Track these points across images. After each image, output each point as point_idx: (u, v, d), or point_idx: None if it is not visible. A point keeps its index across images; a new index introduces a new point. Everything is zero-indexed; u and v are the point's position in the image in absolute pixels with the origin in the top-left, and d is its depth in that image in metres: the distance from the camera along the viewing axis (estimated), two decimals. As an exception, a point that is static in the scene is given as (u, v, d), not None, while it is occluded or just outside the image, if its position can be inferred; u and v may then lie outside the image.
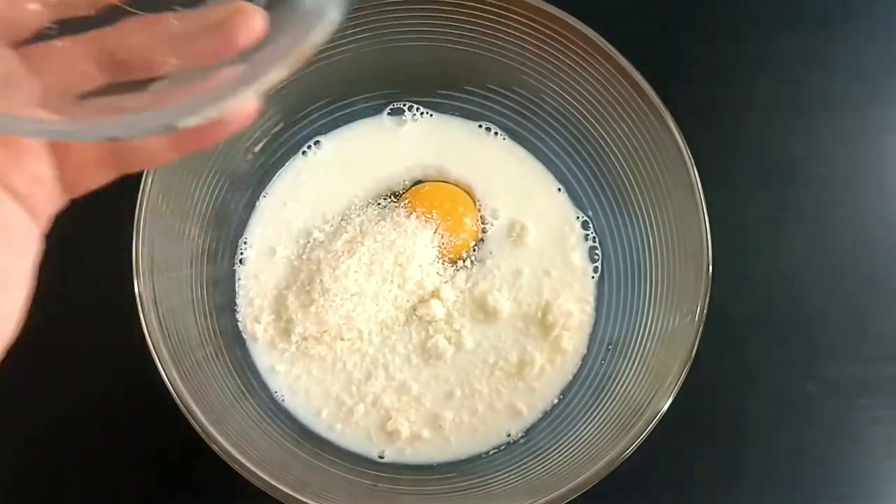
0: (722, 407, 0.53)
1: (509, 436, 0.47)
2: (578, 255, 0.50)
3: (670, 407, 0.40)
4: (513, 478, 0.44)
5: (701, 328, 0.42)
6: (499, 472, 0.45)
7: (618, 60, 0.43)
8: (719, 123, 0.57)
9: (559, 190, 0.51)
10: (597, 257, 0.50)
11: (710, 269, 0.42)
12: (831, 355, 0.54)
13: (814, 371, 0.54)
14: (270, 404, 0.47)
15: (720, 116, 0.57)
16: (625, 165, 0.47)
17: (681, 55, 0.57)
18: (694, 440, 0.52)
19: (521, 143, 0.51)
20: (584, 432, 0.44)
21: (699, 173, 0.43)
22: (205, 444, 0.39)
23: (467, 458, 0.47)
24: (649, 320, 0.45)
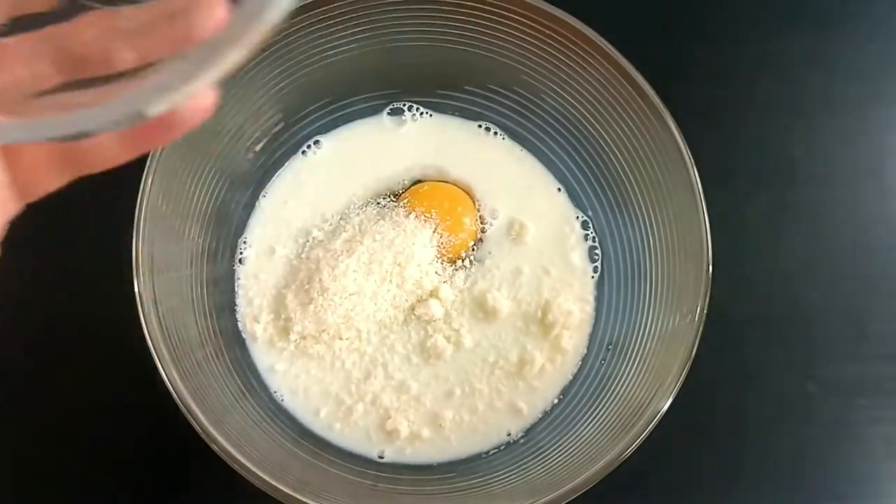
0: (722, 407, 0.53)
1: (509, 435, 0.47)
2: (578, 254, 0.50)
3: (670, 407, 0.40)
4: (513, 478, 0.44)
5: (701, 328, 0.42)
6: (499, 472, 0.45)
7: (618, 60, 0.43)
8: (719, 123, 0.57)
9: (559, 190, 0.51)
10: (596, 257, 0.50)
11: (710, 269, 0.42)
12: (831, 355, 0.54)
13: (814, 371, 0.54)
14: (270, 404, 0.47)
15: (720, 116, 0.57)
16: (625, 165, 0.47)
17: (681, 55, 0.57)
18: (694, 440, 0.52)
19: (521, 143, 0.51)
20: (584, 432, 0.44)
21: (699, 173, 0.43)
22: (205, 444, 0.39)
23: (467, 458, 0.47)
24: (649, 320, 0.45)
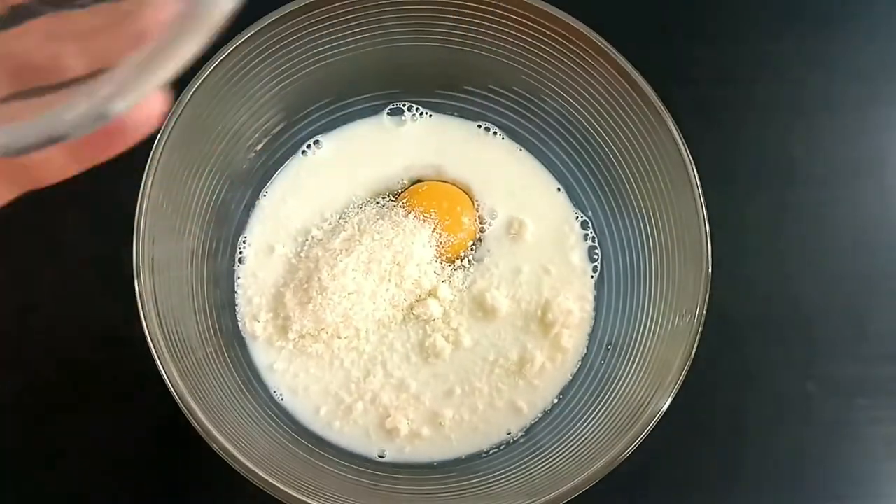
0: (722, 407, 0.53)
1: (509, 434, 0.47)
2: (578, 254, 0.50)
3: (670, 407, 0.40)
4: (513, 477, 0.44)
5: (701, 328, 0.42)
6: (499, 472, 0.45)
7: (617, 61, 0.43)
8: (719, 123, 0.57)
9: (558, 190, 0.51)
10: (596, 257, 0.50)
11: (710, 269, 0.42)
12: (831, 355, 0.54)
13: (814, 371, 0.54)
14: (270, 403, 0.47)
15: (720, 116, 0.57)
16: (624, 165, 0.47)
17: (681, 55, 0.57)
18: (694, 440, 0.52)
19: (521, 143, 0.51)
20: (584, 432, 0.44)
21: (699, 173, 0.43)
22: (205, 443, 0.39)
23: (467, 458, 0.47)
24: (649, 320, 0.45)
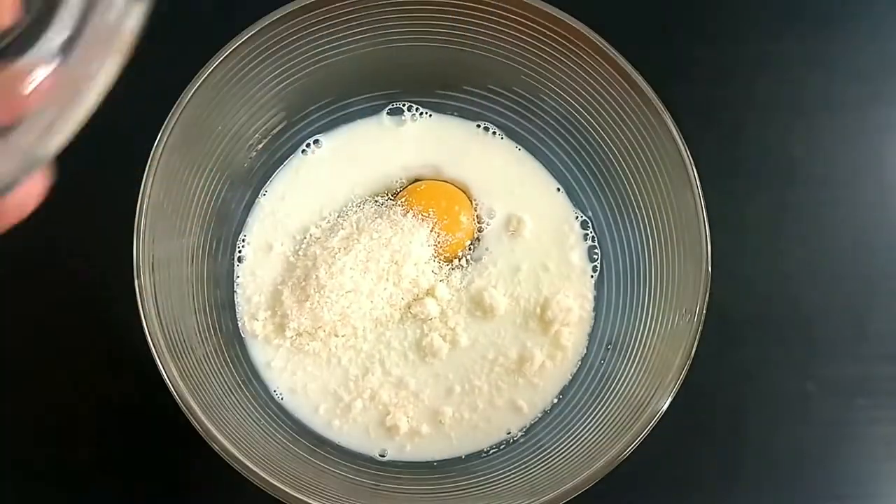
0: (722, 407, 0.53)
1: (509, 434, 0.47)
2: (577, 254, 0.50)
3: (670, 406, 0.40)
4: (513, 477, 0.44)
5: (700, 328, 0.42)
6: (499, 472, 0.45)
7: (617, 61, 0.43)
8: (719, 123, 0.57)
9: (558, 190, 0.51)
10: (596, 256, 0.50)
11: (710, 269, 0.42)
12: (831, 355, 0.54)
13: (813, 371, 0.54)
14: (270, 402, 0.47)
15: (720, 116, 0.57)
16: (624, 166, 0.47)
17: (681, 55, 0.57)
18: (694, 440, 0.52)
19: (521, 143, 0.51)
20: (584, 431, 0.44)
21: (699, 173, 0.43)
22: (205, 443, 0.39)
23: (467, 457, 0.47)
24: (649, 320, 0.45)
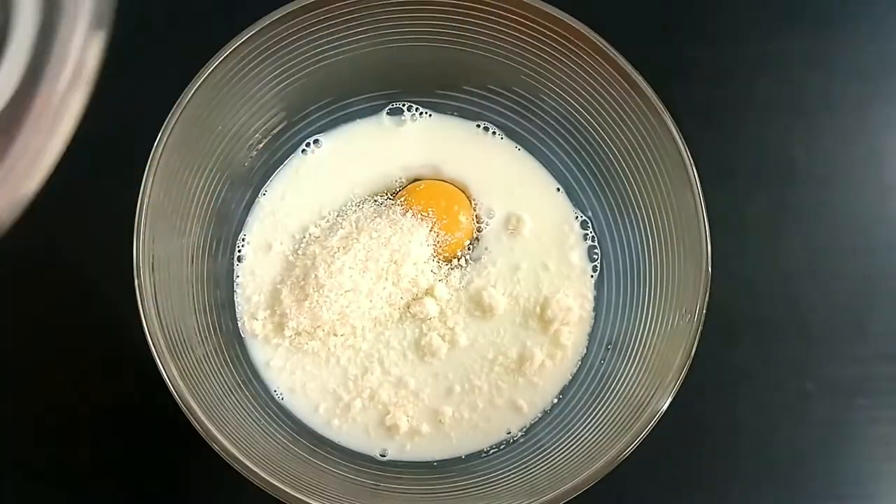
0: (722, 407, 0.53)
1: (509, 433, 0.47)
2: (577, 254, 0.50)
3: (670, 406, 0.40)
4: (513, 477, 0.44)
5: (700, 327, 0.42)
6: (499, 472, 0.45)
7: (617, 61, 0.43)
8: (719, 123, 0.57)
9: (558, 190, 0.51)
10: (596, 256, 0.50)
11: (710, 269, 0.42)
12: (831, 355, 0.54)
13: (813, 371, 0.54)
14: (270, 402, 0.47)
15: (720, 116, 0.57)
16: (624, 166, 0.47)
17: (681, 55, 0.57)
18: (694, 440, 0.52)
19: (520, 143, 0.51)
20: (584, 431, 0.44)
21: (699, 173, 0.42)
22: (205, 443, 0.39)
23: (467, 457, 0.47)
24: (649, 320, 0.45)
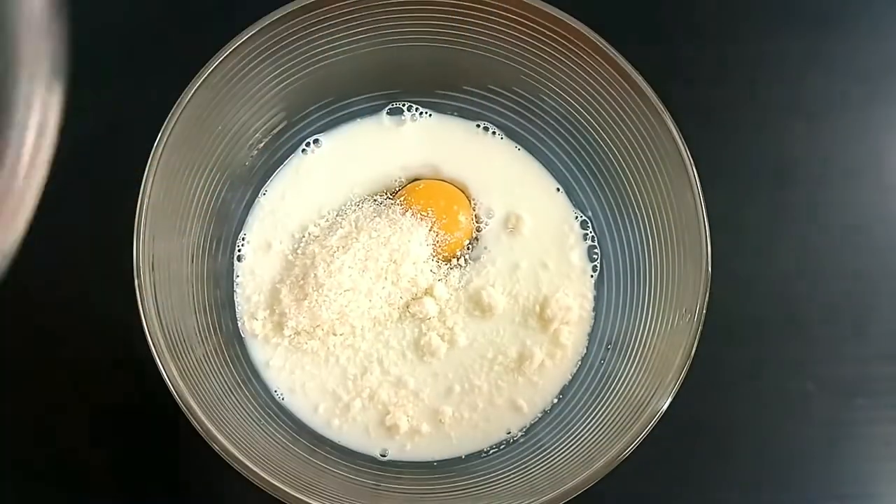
0: (722, 407, 0.53)
1: (509, 434, 0.47)
2: (577, 254, 0.50)
3: (670, 406, 0.40)
4: (513, 477, 0.44)
5: (700, 327, 0.42)
6: (499, 472, 0.45)
7: (617, 61, 0.43)
8: (719, 123, 0.57)
9: (558, 190, 0.51)
10: (596, 256, 0.50)
11: (710, 269, 0.42)
12: (830, 355, 0.54)
13: (813, 370, 0.54)
14: (270, 402, 0.47)
15: (720, 116, 0.57)
16: (624, 166, 0.47)
17: (681, 55, 0.57)
18: (694, 440, 0.52)
19: (520, 143, 0.51)
20: (584, 431, 0.44)
21: (699, 173, 0.43)
22: (205, 443, 0.39)
23: (468, 457, 0.47)
24: (649, 320, 0.45)
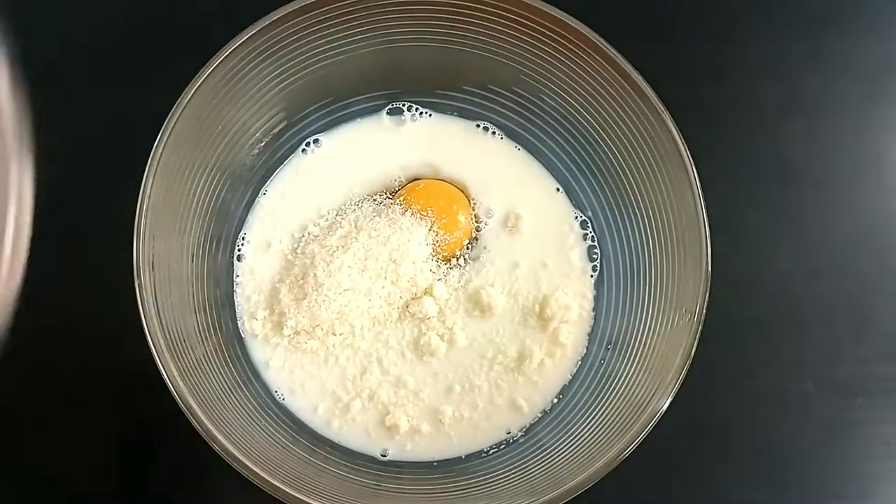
0: (722, 406, 0.53)
1: (509, 433, 0.47)
2: (577, 254, 0.50)
3: (670, 406, 0.40)
4: (513, 477, 0.44)
5: (700, 327, 0.42)
6: (499, 472, 0.45)
7: (617, 61, 0.43)
8: (719, 123, 0.57)
9: (558, 190, 0.51)
10: (596, 256, 0.50)
11: (710, 269, 0.42)
12: (830, 355, 0.54)
13: (813, 370, 0.54)
14: (269, 402, 0.47)
15: (720, 116, 0.57)
16: (624, 166, 0.47)
17: (681, 55, 0.57)
18: (694, 440, 0.52)
19: (520, 143, 0.51)
20: (584, 431, 0.44)
21: (699, 173, 0.43)
22: (205, 443, 0.39)
23: (467, 457, 0.47)
24: (649, 319, 0.45)
